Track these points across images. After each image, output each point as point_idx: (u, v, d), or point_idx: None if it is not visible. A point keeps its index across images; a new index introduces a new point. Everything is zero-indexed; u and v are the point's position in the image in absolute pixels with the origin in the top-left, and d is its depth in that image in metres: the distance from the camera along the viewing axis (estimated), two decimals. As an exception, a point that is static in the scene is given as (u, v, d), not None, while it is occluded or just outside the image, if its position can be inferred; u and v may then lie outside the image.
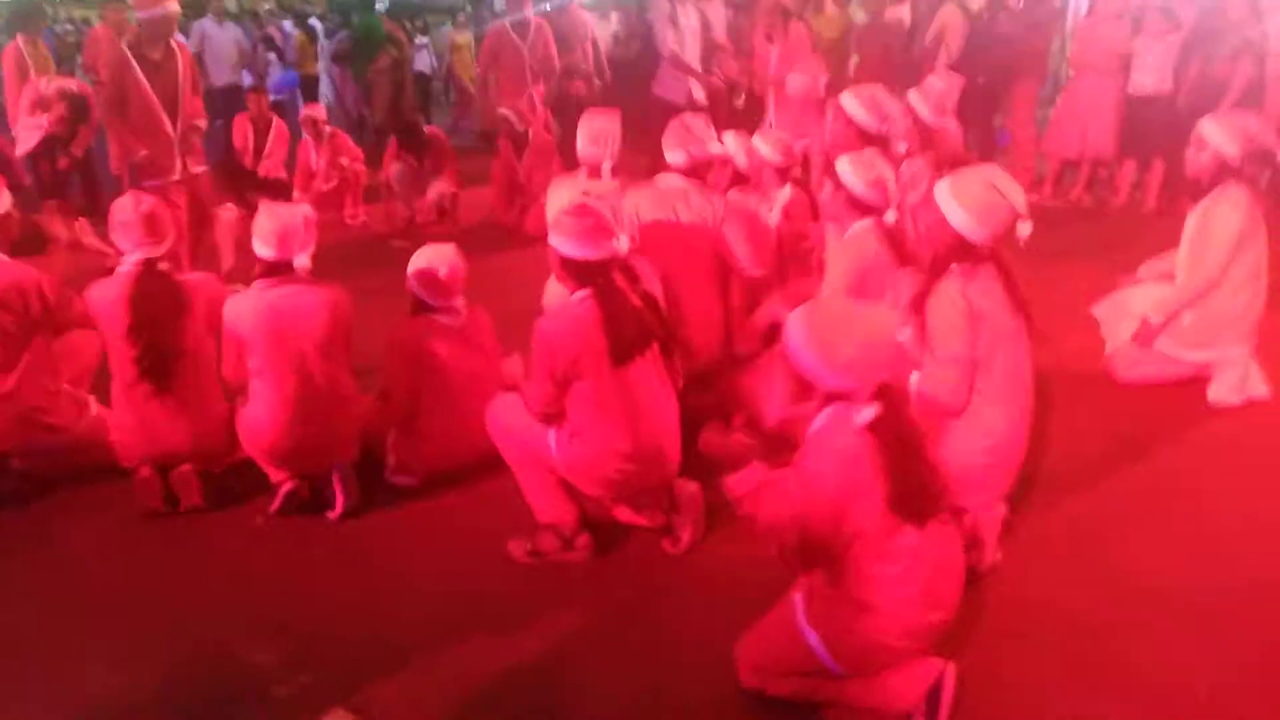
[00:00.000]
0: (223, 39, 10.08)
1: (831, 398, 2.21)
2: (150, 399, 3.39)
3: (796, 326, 2.22)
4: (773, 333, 3.09)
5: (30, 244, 4.25)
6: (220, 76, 9.93)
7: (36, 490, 3.60)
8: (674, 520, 3.17)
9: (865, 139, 4.16)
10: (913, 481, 2.17)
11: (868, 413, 2.16)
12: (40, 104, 6.58)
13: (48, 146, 6.65)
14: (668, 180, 3.88)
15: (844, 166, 3.51)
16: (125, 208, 3.43)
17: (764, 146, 4.42)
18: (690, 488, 3.18)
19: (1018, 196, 2.81)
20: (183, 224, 5.21)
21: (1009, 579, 2.94)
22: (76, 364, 3.80)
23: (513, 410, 3.17)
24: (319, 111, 7.85)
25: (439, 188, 7.36)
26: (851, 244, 3.50)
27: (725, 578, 3.02)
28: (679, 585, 3.03)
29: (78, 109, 6.68)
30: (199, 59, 8.81)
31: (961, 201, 2.80)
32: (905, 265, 3.40)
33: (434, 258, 3.56)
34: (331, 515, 3.43)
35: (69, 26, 17.03)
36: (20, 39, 7.11)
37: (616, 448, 2.99)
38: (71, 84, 6.93)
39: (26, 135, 6.59)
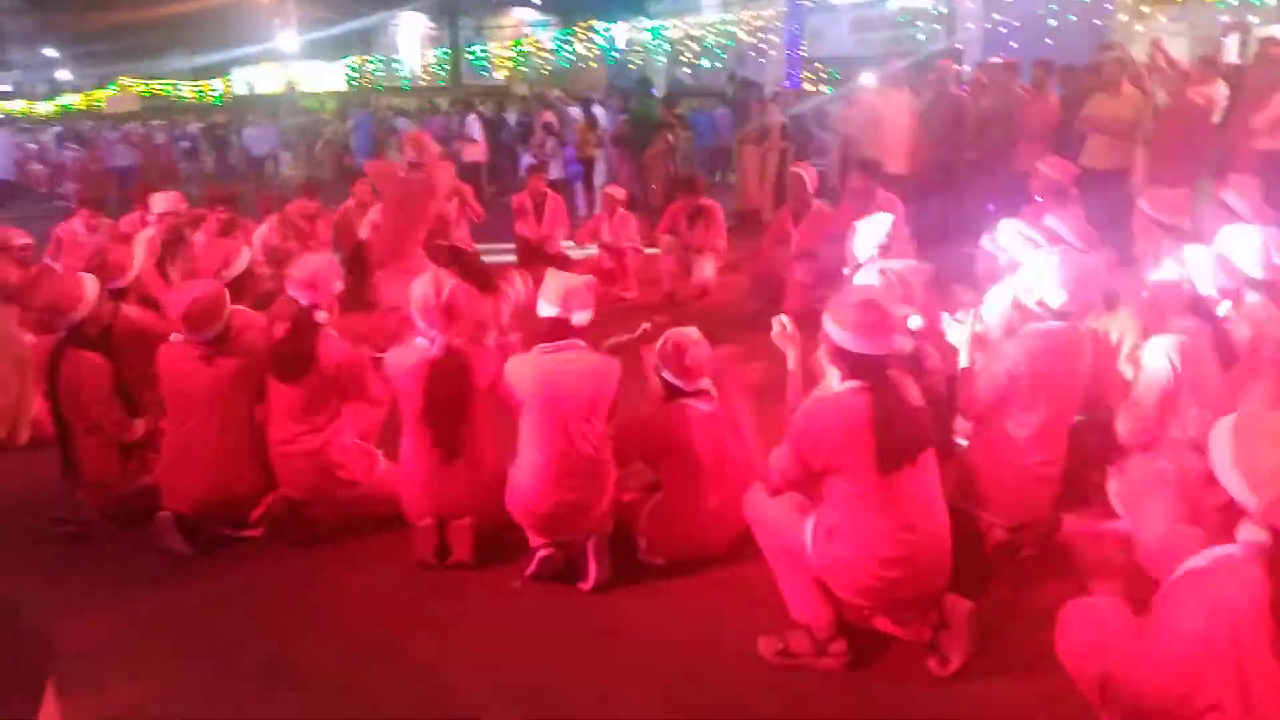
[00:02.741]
0: None
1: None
2: (440, 462, 3.59)
3: (1224, 440, 1.92)
4: None
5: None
6: None
7: (321, 535, 3.88)
8: (942, 638, 2.90)
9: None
10: None
11: (1254, 535, 1.83)
12: None
13: None
14: None
15: (1194, 259, 3.16)
16: (428, 292, 3.60)
17: None
18: (963, 605, 2.90)
19: None
20: None
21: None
22: (366, 419, 4.11)
23: (772, 501, 3.05)
24: (619, 192, 8.23)
25: (704, 267, 7.46)
26: (1170, 349, 3.11)
27: (999, 710, 2.71)
28: (944, 713, 2.76)
29: None
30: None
31: None
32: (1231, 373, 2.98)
33: (678, 342, 3.55)
34: (584, 586, 3.45)
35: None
36: None
37: (878, 553, 2.79)
38: None
39: None
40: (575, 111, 13.67)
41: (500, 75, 24.71)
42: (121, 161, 16.20)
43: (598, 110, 13.41)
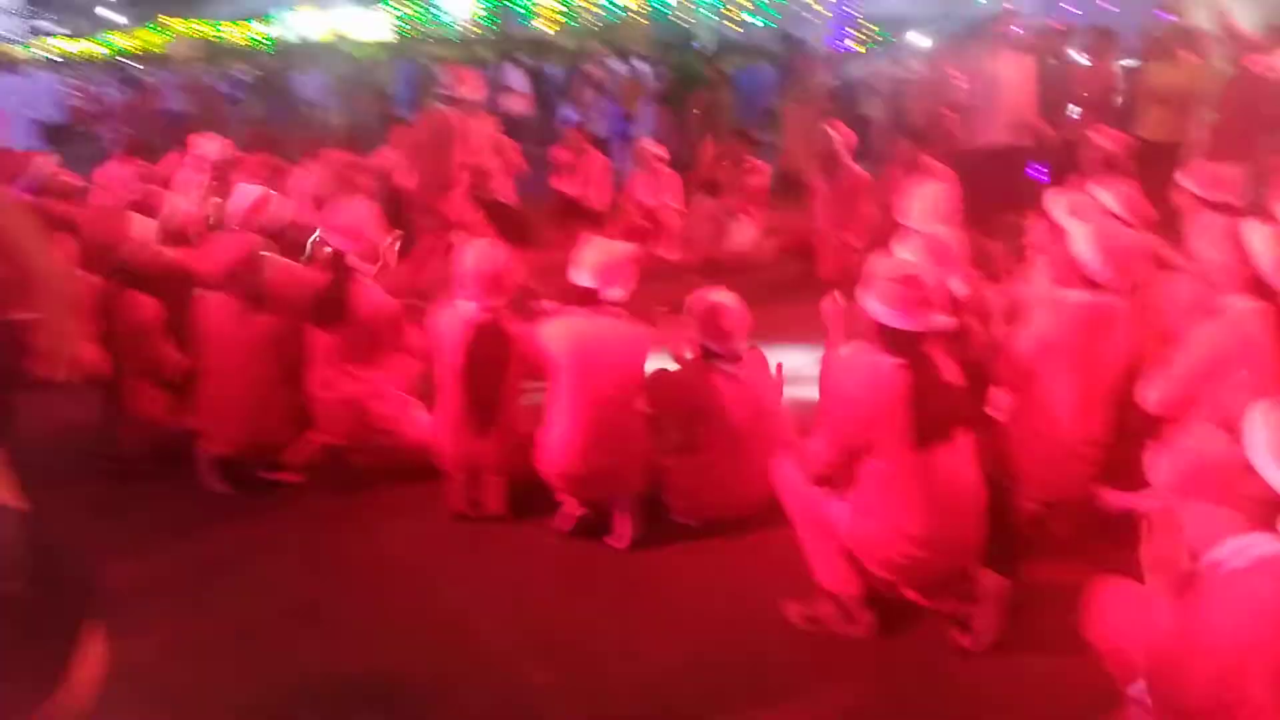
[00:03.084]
0: None
1: None
2: (473, 423, 3.62)
3: (1258, 427, 1.91)
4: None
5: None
6: None
7: (358, 483, 3.93)
8: (971, 613, 2.88)
9: None
10: None
11: None
12: None
13: None
14: None
15: (1255, 236, 3.06)
16: (473, 262, 3.58)
17: None
18: (994, 580, 2.88)
19: None
20: None
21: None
22: (404, 370, 4.14)
23: (800, 473, 3.04)
24: (657, 147, 8.02)
25: (741, 232, 7.37)
26: (1226, 324, 3.03)
27: (1026, 688, 2.71)
28: (970, 687, 2.76)
29: None
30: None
31: None
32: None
33: (715, 303, 3.52)
34: (614, 544, 3.48)
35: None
36: None
37: (907, 531, 2.77)
38: None
39: None
40: (619, 66, 13.48)
41: (544, 26, 24.49)
42: (172, 105, 16.26)
43: (641, 65, 13.22)
